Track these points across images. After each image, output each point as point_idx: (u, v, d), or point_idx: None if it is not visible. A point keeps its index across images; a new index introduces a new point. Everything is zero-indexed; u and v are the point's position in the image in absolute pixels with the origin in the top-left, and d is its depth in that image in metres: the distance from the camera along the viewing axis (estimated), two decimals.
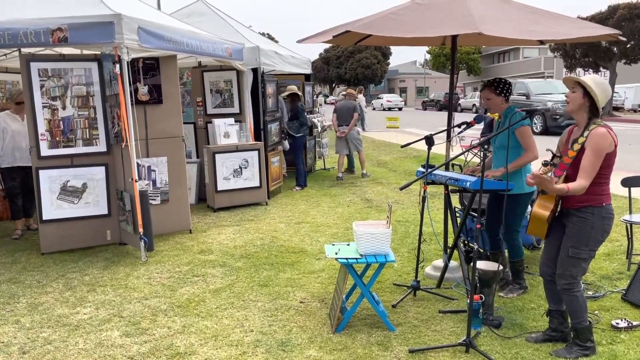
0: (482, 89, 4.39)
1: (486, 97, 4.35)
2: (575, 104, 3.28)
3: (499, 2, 4.53)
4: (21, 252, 5.91)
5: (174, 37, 5.89)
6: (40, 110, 5.68)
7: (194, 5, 9.25)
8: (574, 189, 3.15)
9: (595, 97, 3.20)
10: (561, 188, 3.14)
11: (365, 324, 3.91)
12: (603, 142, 3.15)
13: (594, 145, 3.15)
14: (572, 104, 3.29)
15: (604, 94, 3.22)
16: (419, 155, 13.16)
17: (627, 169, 8.19)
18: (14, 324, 4.05)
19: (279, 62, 9.02)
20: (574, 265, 3.29)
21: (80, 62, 5.87)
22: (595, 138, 3.16)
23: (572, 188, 3.14)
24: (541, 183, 3.10)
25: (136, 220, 5.48)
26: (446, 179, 4.28)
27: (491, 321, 3.81)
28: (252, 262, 5.39)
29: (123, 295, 4.57)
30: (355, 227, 3.87)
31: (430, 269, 4.99)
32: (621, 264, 5.08)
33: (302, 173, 9.43)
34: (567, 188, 3.13)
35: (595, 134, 3.17)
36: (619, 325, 3.72)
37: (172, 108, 6.47)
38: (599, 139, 3.15)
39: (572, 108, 3.30)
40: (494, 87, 4.30)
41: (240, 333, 3.81)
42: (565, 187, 3.13)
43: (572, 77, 3.30)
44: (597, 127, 3.19)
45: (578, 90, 3.26)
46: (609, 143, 3.16)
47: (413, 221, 6.89)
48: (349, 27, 4.22)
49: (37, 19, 5.14)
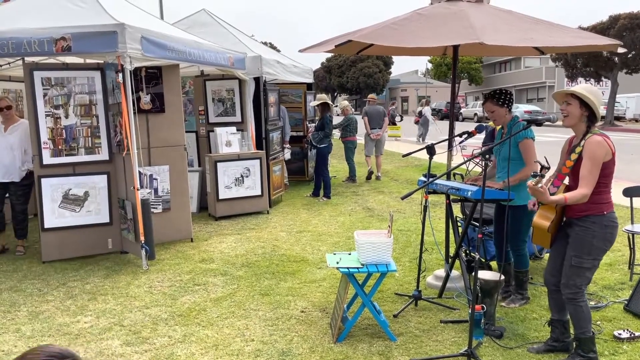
0: (484, 102, 4.36)
1: (489, 110, 4.32)
2: (574, 116, 3.27)
3: (500, 12, 4.55)
4: (22, 260, 5.90)
5: (176, 47, 5.92)
6: (43, 119, 5.70)
7: (197, 15, 9.30)
8: (573, 198, 3.14)
9: (593, 104, 3.21)
10: (558, 199, 3.13)
11: (366, 334, 3.90)
12: (599, 150, 3.15)
13: (590, 154, 3.16)
14: (571, 116, 3.28)
15: (598, 100, 3.25)
16: (420, 165, 13.16)
17: (629, 179, 8.18)
18: (15, 332, 4.04)
19: (281, 71, 9.05)
20: (578, 275, 3.28)
21: (83, 71, 5.90)
22: (591, 146, 3.16)
23: (570, 197, 3.14)
24: (535, 195, 3.10)
25: (137, 229, 5.48)
26: (447, 188, 4.28)
27: (493, 331, 3.79)
28: (253, 271, 5.38)
29: (124, 304, 4.56)
30: (356, 237, 3.87)
31: (432, 279, 4.97)
32: (623, 274, 5.06)
33: (328, 184, 9.29)
34: (565, 198, 3.13)
35: (591, 142, 3.18)
36: (621, 336, 3.70)
37: (174, 117, 6.49)
38: (594, 147, 3.16)
39: (571, 121, 3.29)
40: (496, 99, 4.27)
41: (241, 342, 3.80)
42: (563, 198, 3.13)
43: (564, 91, 3.31)
44: (593, 135, 3.20)
45: (573, 101, 3.26)
46: (606, 151, 3.16)
47: (414, 230, 6.88)
48: (351, 37, 4.25)
49: (41, 29, 5.18)
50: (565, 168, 3.31)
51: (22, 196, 6.10)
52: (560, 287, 3.43)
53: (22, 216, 6.16)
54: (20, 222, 6.15)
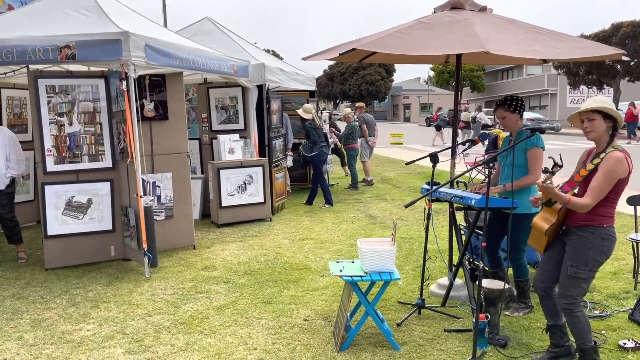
0: (496, 108, 4.36)
1: (501, 117, 4.32)
2: (599, 130, 3.21)
3: (503, 22, 4.56)
4: (25, 268, 5.90)
5: (180, 55, 5.94)
6: (47, 126, 5.72)
7: (201, 23, 9.34)
8: (577, 203, 3.14)
9: (616, 114, 3.18)
10: (564, 196, 3.14)
11: (369, 343, 3.88)
12: (618, 167, 3.12)
13: (607, 168, 3.13)
14: (597, 130, 3.22)
15: (613, 108, 3.22)
16: (423, 172, 13.15)
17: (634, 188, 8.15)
18: (17, 340, 4.03)
19: (284, 79, 9.08)
20: (574, 286, 3.27)
21: (87, 79, 5.93)
22: (611, 161, 3.14)
23: (574, 202, 3.14)
24: (543, 190, 3.13)
25: (140, 236, 5.48)
26: (451, 196, 4.27)
27: (497, 340, 3.77)
28: (256, 279, 5.37)
29: (126, 312, 4.55)
30: (359, 245, 3.86)
31: (435, 287, 4.96)
32: (628, 282, 5.03)
33: (325, 190, 9.27)
34: (569, 199, 3.14)
35: (612, 157, 3.15)
36: (627, 346, 3.68)
37: (177, 124, 6.50)
38: (614, 163, 3.13)
39: (596, 135, 3.23)
40: (507, 106, 4.28)
41: (243, 351, 3.79)
42: (568, 198, 3.14)
43: (579, 111, 3.27)
44: (615, 150, 3.17)
45: (596, 116, 3.20)
46: (624, 169, 3.14)
47: (418, 238, 6.86)
48: (355, 45, 4.25)
49: (46, 37, 5.21)
50: (578, 176, 3.29)
51: (8, 205, 5.95)
52: (549, 292, 3.46)
53: (12, 223, 6.03)
54: (12, 228, 6.04)
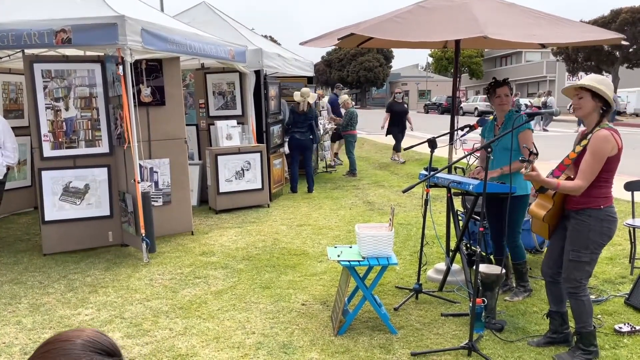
0: (501, 85, 4.40)
1: (505, 94, 4.40)
2: (587, 108, 3.22)
3: (502, 6, 4.53)
4: (23, 253, 5.91)
5: (177, 39, 5.90)
6: (44, 112, 5.68)
7: (197, 8, 9.26)
8: (567, 186, 3.14)
9: (605, 94, 3.16)
10: (551, 182, 3.14)
11: (367, 327, 3.90)
12: (604, 145, 3.11)
13: (594, 148, 3.13)
14: (584, 109, 3.23)
15: (609, 90, 3.20)
16: (421, 158, 13.14)
17: (631, 173, 8.17)
18: (16, 324, 4.05)
19: (282, 65, 9.02)
20: (577, 269, 3.27)
21: (84, 64, 5.88)
22: (597, 141, 3.13)
23: (563, 185, 3.14)
24: (529, 179, 3.15)
25: (138, 222, 5.48)
26: (449, 181, 4.28)
27: (493, 325, 3.79)
28: (254, 264, 5.39)
29: (125, 297, 4.57)
30: (357, 230, 3.86)
31: (433, 272, 4.98)
32: (624, 268, 5.06)
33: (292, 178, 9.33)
34: (558, 184, 3.13)
35: (598, 136, 3.14)
36: (622, 330, 3.71)
37: (174, 110, 6.47)
38: (599, 141, 3.12)
39: (583, 113, 3.24)
40: (508, 87, 4.43)
41: (241, 335, 3.81)
42: (556, 182, 3.14)
43: (573, 85, 3.28)
44: (601, 129, 3.16)
45: (585, 94, 3.21)
46: (612, 146, 3.12)
47: (415, 224, 6.88)
48: (353, 30, 4.23)
49: (41, 20, 5.15)
50: (567, 159, 3.28)
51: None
52: (556, 278, 3.45)
53: None
54: None
